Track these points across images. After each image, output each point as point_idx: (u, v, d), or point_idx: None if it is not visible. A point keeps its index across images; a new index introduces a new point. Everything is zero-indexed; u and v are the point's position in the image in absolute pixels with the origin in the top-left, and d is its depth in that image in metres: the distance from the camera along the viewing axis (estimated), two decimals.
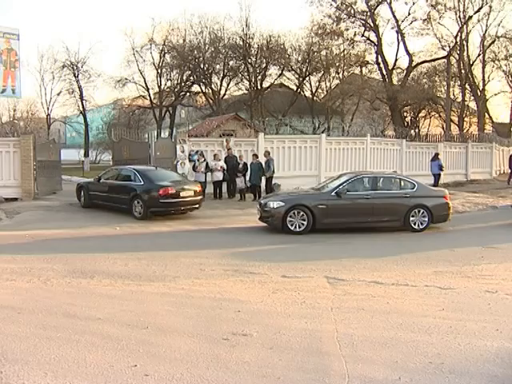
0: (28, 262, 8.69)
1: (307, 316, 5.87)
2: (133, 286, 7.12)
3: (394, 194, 12.72)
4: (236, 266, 8.52)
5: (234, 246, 10.68)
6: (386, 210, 12.46)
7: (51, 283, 7.27)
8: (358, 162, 22.64)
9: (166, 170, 16.47)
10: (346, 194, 12.32)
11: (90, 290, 6.97)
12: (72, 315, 5.81)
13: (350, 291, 6.97)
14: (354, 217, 12.34)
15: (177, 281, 7.45)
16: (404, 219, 12.44)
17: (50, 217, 14.63)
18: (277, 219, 12.14)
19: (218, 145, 20.21)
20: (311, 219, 12.00)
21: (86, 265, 8.47)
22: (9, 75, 21.99)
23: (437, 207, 12.69)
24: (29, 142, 18.24)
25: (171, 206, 14.30)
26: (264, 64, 36.71)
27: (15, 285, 7.18)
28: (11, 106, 56.80)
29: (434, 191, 13.49)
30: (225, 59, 37.34)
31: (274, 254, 9.91)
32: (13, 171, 18.01)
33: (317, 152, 21.65)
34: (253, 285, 7.31)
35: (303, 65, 36.66)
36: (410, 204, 12.45)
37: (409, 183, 12.94)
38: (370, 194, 12.52)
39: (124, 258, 9.01)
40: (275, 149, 20.71)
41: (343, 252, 10.07)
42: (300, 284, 7.33)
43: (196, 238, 11.64)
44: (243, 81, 38.84)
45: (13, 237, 11.57)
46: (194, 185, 15.29)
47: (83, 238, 11.55)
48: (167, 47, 39.73)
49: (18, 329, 5.33)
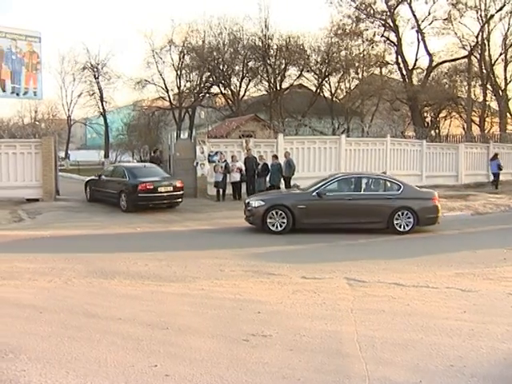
0: (49, 261, 8.80)
1: (327, 317, 5.84)
2: (153, 287, 7.16)
3: (377, 196, 12.56)
4: (256, 266, 8.52)
5: (253, 246, 10.71)
6: (368, 212, 12.29)
7: (72, 283, 7.34)
8: (378, 163, 22.50)
9: (156, 168, 17.90)
10: (326, 195, 12.31)
11: (110, 290, 7.03)
12: (93, 315, 5.86)
13: (370, 293, 6.92)
14: (334, 217, 12.23)
15: (197, 281, 7.48)
16: (388, 221, 12.19)
17: (70, 217, 14.82)
18: (257, 218, 12.31)
19: (237, 146, 20.25)
20: (291, 219, 12.06)
21: (106, 265, 8.55)
22: (31, 77, 22.25)
23: (423, 209, 12.35)
24: (50, 143, 18.49)
25: (150, 200, 15.81)
26: (283, 65, 36.55)
27: (37, 284, 7.27)
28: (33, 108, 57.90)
29: (422, 193, 13.04)
30: (244, 60, 37.31)
31: (293, 254, 9.90)
32: (34, 172, 18.25)
33: (336, 153, 21.58)
34: (272, 286, 7.30)
35: (322, 65, 36.41)
36: (394, 206, 12.21)
37: (394, 185, 12.71)
38: (351, 195, 12.46)
39: (144, 259, 9.07)
40: (295, 149, 20.69)
41: (362, 253, 10.01)
42: (320, 285, 7.30)
43: (215, 238, 11.68)
44: (262, 82, 38.73)
45: (34, 237, 11.76)
46: (174, 181, 16.60)
47: (104, 238, 11.68)
48: (186, 48, 39.85)
49: (40, 328, 5.39)
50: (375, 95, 36.15)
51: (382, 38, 35.76)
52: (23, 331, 5.29)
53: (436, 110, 39.46)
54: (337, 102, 38.55)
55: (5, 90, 21.68)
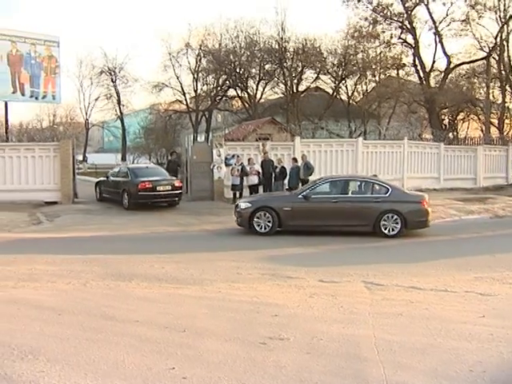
0: (68, 264, 8.89)
1: (345, 321, 5.80)
2: (170, 289, 7.18)
3: (364, 199, 12.61)
4: (273, 269, 8.51)
5: (269, 248, 10.71)
6: (354, 214, 12.29)
7: (90, 285, 7.39)
8: (395, 166, 22.41)
9: (158, 169, 19.68)
10: (312, 197, 12.46)
11: (128, 292, 7.06)
12: (111, 317, 5.89)
13: (388, 296, 6.86)
14: (320, 220, 12.38)
15: (214, 284, 7.49)
16: (374, 224, 12.13)
17: (89, 220, 14.97)
18: (244, 220, 12.65)
19: (254, 149, 20.29)
20: (277, 221, 12.34)
21: (124, 267, 8.60)
22: (49, 81, 22.61)
23: (411, 213, 12.20)
24: (68, 146, 18.72)
25: (149, 198, 17.14)
26: (300, 67, 36.54)
27: (55, 286, 7.33)
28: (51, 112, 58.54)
29: (410, 196, 12.91)
30: (260, 63, 37.34)
31: (310, 257, 9.88)
32: (53, 175, 18.49)
33: (353, 156, 21.52)
34: (290, 289, 7.28)
35: (339, 68, 36.33)
36: (380, 209, 12.16)
37: (382, 187, 12.66)
38: (337, 197, 12.55)
39: (161, 261, 9.12)
40: (311, 152, 20.67)
41: (379, 257, 9.95)
42: (337, 289, 7.26)
43: (232, 241, 11.72)
44: (279, 84, 38.75)
45: (53, 239, 11.89)
46: (173, 181, 17.81)
47: (122, 240, 11.76)
48: (203, 52, 40.02)
49: (58, 330, 5.43)
50: (392, 98, 35.92)
51: (399, 40, 35.59)
52: (42, 333, 5.34)
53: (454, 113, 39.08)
54: (353, 104, 38.41)
55: (24, 94, 22.08)
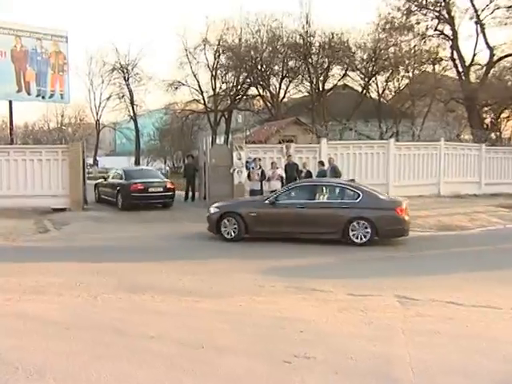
0: (76, 275, 8.96)
1: (376, 338, 5.76)
2: (187, 303, 7.21)
3: (332, 204, 12.61)
4: (297, 281, 8.48)
5: (293, 258, 10.73)
6: (321, 221, 12.36)
7: (101, 298, 7.45)
8: (431, 169, 22.21)
9: (152, 171, 22.35)
10: (278, 203, 12.78)
11: (141, 305, 7.11)
12: (123, 332, 5.93)
13: (423, 312, 6.79)
14: (286, 226, 12.59)
15: (234, 297, 7.50)
16: (343, 231, 12.14)
17: (99, 228, 15.07)
18: (212, 225, 13.17)
19: (277, 151, 20.27)
20: (243, 226, 12.75)
21: (137, 279, 8.67)
22: (57, 79, 22.46)
23: (382, 220, 12.09)
24: (78, 149, 18.77)
25: (141, 199, 18.75)
26: (326, 64, 36.43)
27: (63, 300, 7.41)
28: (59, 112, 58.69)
29: (383, 202, 12.66)
30: (284, 59, 37.38)
31: (338, 268, 9.84)
32: (61, 180, 18.54)
33: (385, 159, 21.37)
34: (316, 303, 7.26)
35: (369, 64, 36.15)
36: (349, 215, 12.16)
37: (353, 193, 12.60)
38: (304, 203, 12.71)
39: (178, 272, 9.16)
40: (339, 155, 20.57)
41: (411, 268, 9.85)
42: (367, 303, 7.21)
43: (253, 251, 11.71)
44: (304, 82, 38.70)
45: (61, 249, 12.02)
46: (165, 182, 19.71)
47: (135, 249, 11.81)
48: (222, 47, 40.21)
49: (66, 346, 5.48)
50: (427, 95, 35.50)
51: (435, 31, 34.93)
52: (49, 349, 5.39)
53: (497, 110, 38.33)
54: (385, 103, 38.20)
55: (30, 93, 21.90)
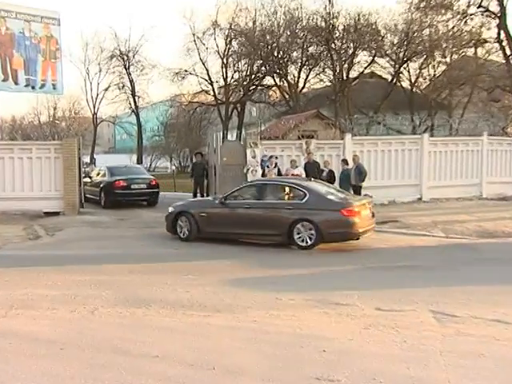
0: (72, 287, 9.00)
1: (409, 360, 5.73)
2: (196, 318, 7.22)
3: (277, 205, 13.24)
4: (319, 294, 8.46)
5: (315, 268, 10.72)
6: (266, 222, 13.02)
7: (99, 313, 7.47)
8: (472, 168, 22.06)
9: (137, 169, 25.01)
10: (228, 203, 13.68)
11: (145, 321, 7.13)
12: (124, 352, 5.94)
13: (464, 331, 6.71)
14: (234, 227, 13.41)
15: (248, 312, 7.50)
16: (287, 234, 12.61)
17: (97, 234, 15.18)
18: (168, 225, 14.37)
19: (295, 148, 20.26)
20: (195, 227, 13.75)
21: (140, 291, 8.69)
22: (48, 67, 21.96)
23: (327, 222, 12.47)
24: (73, 145, 18.85)
25: (124, 196, 21.07)
26: (351, 49, 36.40)
27: (57, 315, 7.42)
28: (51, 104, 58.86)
29: (329, 203, 12.90)
30: (303, 45, 37.39)
31: (364, 279, 9.80)
32: (54, 180, 18.61)
33: (417, 156, 21.28)
34: (340, 318, 7.24)
35: (400, 48, 35.99)
36: (293, 217, 12.65)
37: (300, 192, 13.07)
38: (251, 203, 13.54)
39: (185, 283, 9.19)
40: (365, 153, 20.53)
41: (449, 279, 9.75)
42: (399, 319, 7.17)
43: (270, 259, 11.76)
44: (326, 71, 38.73)
45: (54, 258, 12.08)
46: (148, 179, 22.20)
47: (137, 258, 11.85)
48: (234, 32, 40.33)
49: (60, 368, 5.49)
50: (468, 83, 35.08)
51: (478, 9, 34.07)
52: (40, 371, 5.40)
53: None
54: (418, 93, 38.01)
55: (17, 83, 21.15)
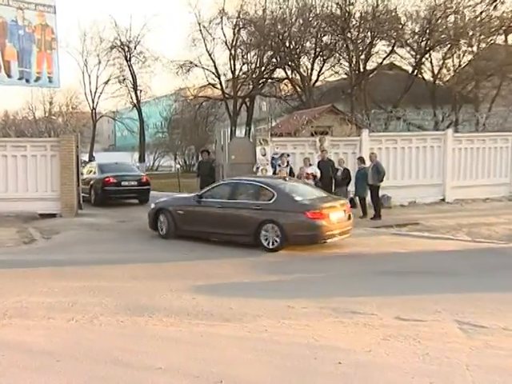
0: (69, 294, 9.02)
1: (432, 374, 5.70)
2: (203, 327, 7.23)
3: (246, 205, 13.82)
4: (334, 301, 8.46)
5: (329, 273, 10.79)
6: (236, 222, 13.71)
7: (99, 322, 7.49)
8: (500, 166, 22.00)
9: (127, 165, 26.24)
10: (203, 201, 14.50)
11: (148, 331, 7.14)
12: (125, 364, 5.96)
13: (493, 343, 6.65)
14: (207, 226, 14.22)
15: (258, 321, 7.50)
16: (254, 235, 13.22)
17: (96, 238, 15.23)
18: (150, 221, 15.47)
19: (308, 146, 20.28)
20: (172, 224, 14.74)
21: (142, 299, 8.71)
22: (44, 58, 21.64)
23: (291, 225, 12.89)
24: (70, 143, 18.82)
25: (114, 193, 22.35)
26: (369, 39, 36.31)
27: (53, 324, 7.45)
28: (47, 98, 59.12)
29: (295, 205, 13.27)
30: (317, 34, 37.36)
31: (382, 285, 9.78)
32: (50, 180, 18.65)
33: (440, 153, 21.26)
34: (357, 328, 7.23)
35: (422, 37, 35.76)
36: (261, 218, 13.23)
37: (269, 193, 13.62)
38: (223, 202, 14.22)
39: (191, 290, 9.21)
40: (384, 150, 20.54)
41: (475, 286, 9.71)
42: (421, 329, 7.14)
43: (281, 266, 11.74)
44: (341, 62, 38.70)
45: (51, 262, 12.11)
46: (139, 176, 23.55)
47: (140, 263, 11.89)
48: (242, 21, 40.36)
49: (56, 381, 5.52)
50: (496, 74, 34.80)
51: None
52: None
53: None
54: (441, 85, 37.82)
55: (10, 76, 20.85)
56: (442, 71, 38.30)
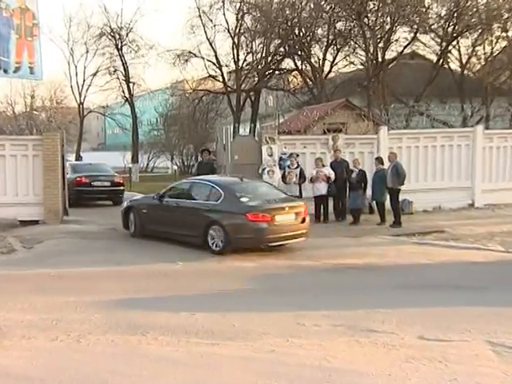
0: (53, 310, 9.00)
1: None
2: (203, 347, 7.22)
3: (198, 205, 14.97)
4: (350, 319, 8.46)
5: (343, 288, 10.75)
6: (187, 223, 14.85)
7: (87, 341, 7.46)
8: None
9: (102, 166, 27.60)
10: (164, 200, 15.69)
11: (141, 351, 7.13)
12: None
13: None
14: (166, 226, 15.49)
15: (264, 339, 7.49)
16: (203, 236, 14.27)
17: (84, 247, 15.17)
18: (123, 220, 16.83)
19: (320, 145, 20.32)
20: (139, 223, 16.13)
21: (135, 315, 8.69)
22: (24, 47, 21.32)
23: (233, 227, 13.88)
24: (55, 141, 18.68)
25: (85, 194, 23.80)
26: (388, 24, 36.21)
27: (35, 344, 7.40)
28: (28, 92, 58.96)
29: (238, 206, 14.15)
30: (330, 20, 37.32)
31: (403, 301, 9.76)
32: (32, 183, 18.48)
33: (469, 153, 21.21)
34: (375, 349, 7.21)
35: (449, 22, 35.60)
36: (208, 219, 14.32)
37: (217, 193, 14.66)
38: (179, 201, 15.38)
39: (190, 305, 9.20)
40: (404, 149, 20.54)
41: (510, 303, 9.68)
42: (447, 351, 7.10)
43: (291, 278, 11.76)
44: (357, 51, 38.66)
45: (32, 276, 12.08)
46: (112, 177, 25.36)
47: (132, 276, 11.92)
48: (247, 5, 40.43)
49: None
50: None
51: None
52: None
53: None
54: (470, 76, 37.76)
55: None
56: (471, 60, 38.25)
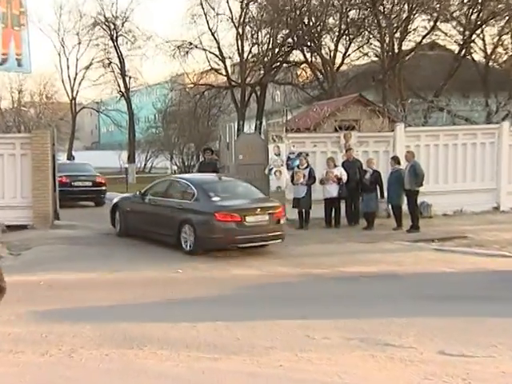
0: (43, 323, 9.01)
1: None
2: (205, 362, 7.21)
3: (172, 204, 15.89)
4: (363, 331, 8.45)
5: (357, 300, 10.69)
6: (163, 222, 15.79)
7: (78, 356, 7.44)
8: None
9: (85, 165, 29.37)
10: (146, 198, 16.61)
11: (138, 366, 7.13)
12: None
13: None
14: (146, 225, 16.44)
15: (271, 354, 7.48)
16: (176, 235, 15.12)
17: (76, 253, 15.27)
18: (111, 219, 17.92)
19: (331, 143, 20.32)
20: (124, 221, 17.17)
21: (131, 327, 8.70)
22: (11, 37, 21.09)
23: (204, 226, 14.66)
24: (45, 139, 18.78)
25: (65, 194, 22.62)
26: (405, 12, 36.11)
27: (23, 359, 7.39)
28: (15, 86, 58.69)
29: (208, 205, 14.93)
30: (342, 8, 37.25)
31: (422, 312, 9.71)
32: (20, 184, 18.56)
33: (494, 152, 21.18)
34: (392, 364, 7.18)
35: (472, 9, 35.38)
36: (180, 218, 15.17)
37: (191, 191, 15.61)
38: (157, 200, 16.41)
39: (190, 317, 9.18)
40: (422, 148, 20.53)
41: None
42: (471, 367, 7.05)
43: (299, 288, 11.76)
44: (371, 42, 38.59)
45: (19, 284, 11.94)
46: (94, 177, 27.01)
47: (128, 284, 11.94)
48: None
49: None
50: None
51: None
52: None
53: None
54: (496, 68, 37.64)
55: None
56: (496, 50, 38.05)
